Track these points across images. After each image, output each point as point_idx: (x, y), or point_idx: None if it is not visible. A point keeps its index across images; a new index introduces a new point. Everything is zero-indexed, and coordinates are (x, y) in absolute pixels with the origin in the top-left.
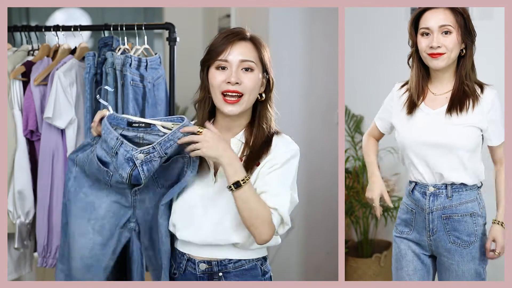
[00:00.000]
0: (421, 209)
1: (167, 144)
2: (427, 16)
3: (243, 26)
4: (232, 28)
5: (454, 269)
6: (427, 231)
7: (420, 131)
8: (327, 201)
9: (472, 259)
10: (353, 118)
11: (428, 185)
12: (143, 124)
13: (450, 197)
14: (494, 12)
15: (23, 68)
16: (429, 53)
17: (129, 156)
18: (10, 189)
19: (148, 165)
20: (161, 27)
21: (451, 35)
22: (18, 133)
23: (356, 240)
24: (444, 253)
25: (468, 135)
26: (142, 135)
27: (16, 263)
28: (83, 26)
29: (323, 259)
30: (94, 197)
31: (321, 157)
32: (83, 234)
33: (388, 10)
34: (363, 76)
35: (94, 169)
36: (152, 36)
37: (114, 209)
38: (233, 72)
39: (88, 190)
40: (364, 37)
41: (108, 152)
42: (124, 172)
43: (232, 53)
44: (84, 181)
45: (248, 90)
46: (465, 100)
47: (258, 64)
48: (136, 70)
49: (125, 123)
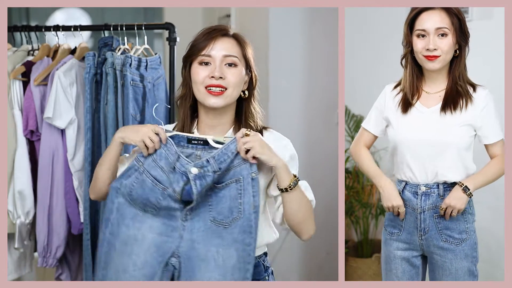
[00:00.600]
0: (412, 209)
1: (221, 158)
2: (423, 18)
3: (243, 26)
4: (215, 25)
5: (447, 267)
6: (418, 231)
7: (415, 129)
8: (327, 201)
9: (465, 256)
10: (353, 118)
11: (419, 185)
12: (202, 142)
13: (442, 196)
14: (494, 12)
15: (23, 68)
16: (425, 55)
17: (183, 170)
18: (10, 189)
19: (201, 180)
20: (161, 27)
21: (447, 38)
22: (18, 133)
23: (356, 240)
24: (437, 251)
25: (462, 134)
26: (199, 152)
27: (16, 263)
28: (83, 26)
29: (323, 259)
30: (136, 230)
31: (321, 157)
32: (125, 271)
33: (388, 10)
34: (363, 76)
35: (147, 191)
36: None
37: (158, 243)
38: (216, 67)
39: (130, 222)
40: (364, 37)
41: (165, 169)
42: (178, 186)
43: (215, 48)
44: (127, 212)
45: (232, 84)
46: (459, 99)
47: (241, 60)
48: (136, 70)
49: (185, 141)
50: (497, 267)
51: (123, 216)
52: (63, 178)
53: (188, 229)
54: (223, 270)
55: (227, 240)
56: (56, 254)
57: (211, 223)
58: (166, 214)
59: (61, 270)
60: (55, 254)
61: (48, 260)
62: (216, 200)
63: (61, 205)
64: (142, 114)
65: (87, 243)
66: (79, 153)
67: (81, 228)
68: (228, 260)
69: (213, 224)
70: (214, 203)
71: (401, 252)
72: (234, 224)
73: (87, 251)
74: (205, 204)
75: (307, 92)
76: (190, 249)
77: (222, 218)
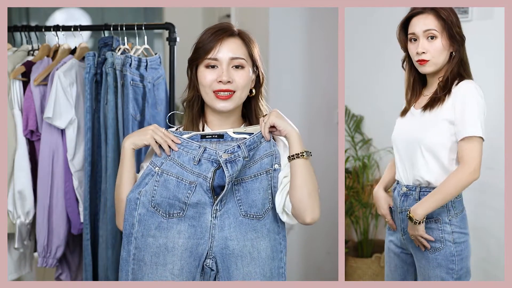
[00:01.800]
0: (396, 208)
1: (252, 145)
2: (413, 22)
3: (243, 26)
4: (219, 24)
5: (421, 272)
6: (400, 229)
7: (401, 130)
8: (327, 201)
9: (437, 265)
10: (353, 118)
11: (402, 185)
12: (216, 136)
13: (417, 200)
14: (494, 12)
15: (23, 68)
16: (417, 59)
17: (213, 158)
18: (10, 189)
19: (232, 164)
20: (161, 27)
21: (436, 40)
22: (18, 133)
23: (356, 240)
24: (414, 252)
25: (438, 131)
26: (215, 146)
27: (16, 263)
28: (83, 26)
29: (323, 259)
30: (165, 239)
31: (321, 157)
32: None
33: (388, 10)
34: (363, 76)
35: (172, 189)
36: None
37: (190, 247)
38: (224, 71)
39: (157, 232)
40: (364, 37)
41: (186, 167)
42: (209, 172)
43: (222, 50)
44: (150, 222)
45: (240, 87)
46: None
47: (248, 60)
48: (136, 70)
49: (198, 137)
50: (497, 267)
51: (147, 227)
52: (63, 178)
53: (219, 227)
54: (259, 262)
55: (262, 231)
56: (56, 254)
57: (243, 218)
58: (193, 214)
59: (61, 270)
60: (55, 254)
61: (48, 260)
62: (245, 194)
63: (61, 205)
64: (142, 114)
65: (87, 243)
66: (79, 153)
67: (81, 228)
68: (264, 251)
69: (246, 218)
70: (243, 197)
71: (393, 246)
72: (267, 215)
73: (87, 251)
74: (232, 199)
75: (307, 92)
76: (224, 247)
77: (256, 211)
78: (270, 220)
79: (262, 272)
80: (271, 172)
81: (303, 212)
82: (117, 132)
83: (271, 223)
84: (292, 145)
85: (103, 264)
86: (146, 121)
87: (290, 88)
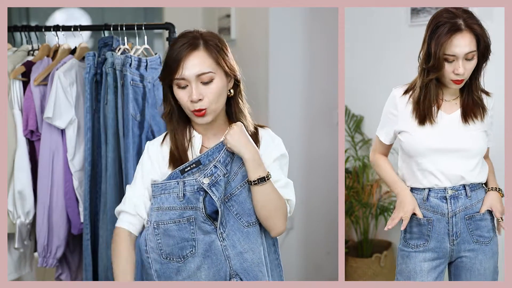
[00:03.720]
0: (442, 215)
1: (226, 160)
2: (453, 43)
3: (243, 26)
4: (183, 34)
5: (476, 268)
6: (450, 237)
7: (438, 138)
8: (327, 201)
9: (492, 255)
10: (353, 118)
11: (446, 188)
12: (194, 164)
13: (470, 197)
14: (494, 12)
15: (23, 68)
16: (454, 79)
17: (197, 187)
18: (10, 189)
19: (217, 186)
20: (161, 27)
21: (473, 60)
22: (18, 133)
23: (356, 240)
24: (467, 254)
25: (484, 139)
26: (197, 175)
27: (16, 263)
28: (83, 26)
29: (323, 259)
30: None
31: (321, 157)
32: None
33: (388, 10)
34: (363, 76)
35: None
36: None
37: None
38: (193, 89)
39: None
40: (364, 37)
41: (175, 206)
42: (199, 203)
43: (187, 68)
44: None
45: (213, 101)
46: (478, 109)
47: (217, 70)
48: (136, 70)
49: (178, 174)
50: None
51: (168, 276)
52: (63, 178)
53: (230, 246)
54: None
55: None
56: (56, 254)
57: (247, 228)
58: (204, 245)
59: (61, 270)
60: (55, 254)
61: (48, 260)
62: (240, 206)
63: (61, 205)
64: (142, 114)
65: (87, 243)
66: (79, 153)
67: (81, 228)
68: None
69: (250, 228)
70: (239, 210)
71: (428, 264)
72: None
73: (87, 251)
74: (231, 216)
75: (307, 92)
76: (242, 262)
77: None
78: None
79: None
80: None
81: (267, 229)
82: (117, 132)
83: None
84: (248, 170)
85: (103, 264)
86: (146, 121)
87: (290, 88)
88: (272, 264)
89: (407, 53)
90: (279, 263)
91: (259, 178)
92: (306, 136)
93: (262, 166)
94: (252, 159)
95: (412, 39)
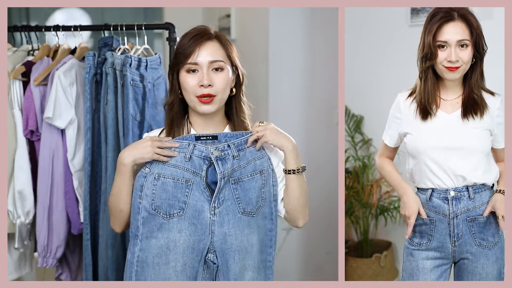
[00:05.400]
0: (443, 215)
1: (240, 146)
2: (445, 30)
3: (243, 26)
4: (196, 28)
5: (478, 272)
6: (451, 238)
7: (438, 136)
8: (327, 201)
9: (496, 260)
10: (353, 118)
11: (448, 190)
12: (210, 137)
13: (473, 199)
14: (494, 12)
15: (23, 68)
16: (447, 66)
17: (205, 155)
18: (10, 189)
19: (223, 162)
20: (161, 27)
21: (467, 49)
22: (18, 133)
23: (356, 240)
24: (469, 257)
25: (485, 137)
26: (209, 147)
27: (16, 263)
28: (83, 26)
29: (323, 259)
30: (166, 239)
31: (321, 157)
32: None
33: (388, 10)
34: (363, 76)
35: (171, 191)
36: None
37: (191, 244)
38: (204, 74)
39: (159, 233)
40: (364, 37)
41: (179, 164)
42: (202, 170)
43: (201, 54)
44: (152, 224)
45: (220, 90)
46: (477, 106)
47: (227, 61)
48: (136, 70)
49: (193, 138)
50: None
51: (150, 229)
52: (63, 178)
53: (218, 223)
54: (252, 255)
55: (254, 227)
56: (56, 254)
57: (241, 215)
58: (193, 212)
59: (61, 270)
60: (55, 254)
61: (48, 260)
62: (243, 192)
63: (61, 205)
64: (142, 114)
65: (87, 243)
66: (79, 153)
67: (81, 228)
68: (255, 245)
69: (243, 215)
70: (241, 196)
71: (431, 262)
72: (258, 212)
73: (87, 251)
74: (231, 197)
75: (307, 92)
76: (223, 242)
77: (251, 209)
78: (261, 217)
79: (253, 264)
80: (265, 172)
81: (297, 219)
82: (117, 132)
83: (262, 219)
84: (288, 160)
85: (103, 264)
86: (146, 121)
87: (290, 88)
88: (261, 264)
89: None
90: (271, 266)
91: (301, 166)
92: (306, 136)
93: (299, 157)
94: (293, 150)
95: (412, 39)
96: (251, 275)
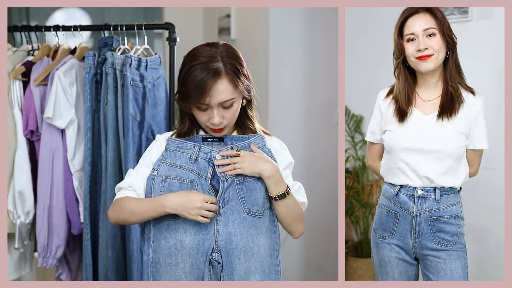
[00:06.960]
0: (407, 212)
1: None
2: (410, 23)
3: (243, 26)
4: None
5: (441, 268)
6: (412, 234)
7: (412, 136)
8: (327, 201)
9: (458, 257)
10: (353, 118)
11: (416, 188)
12: (217, 139)
13: (439, 200)
14: (494, 12)
15: (23, 68)
16: (417, 56)
17: (209, 157)
18: (10, 189)
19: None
20: (161, 27)
21: (435, 37)
22: (18, 133)
23: (356, 240)
24: (430, 253)
25: (459, 142)
26: (215, 149)
27: (16, 263)
28: (83, 26)
29: (323, 259)
30: (174, 239)
31: (321, 157)
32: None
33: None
34: (363, 76)
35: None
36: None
37: (196, 244)
38: (215, 116)
39: (167, 234)
40: (364, 37)
41: (184, 165)
42: (207, 172)
43: (212, 97)
44: (161, 225)
45: (230, 120)
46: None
47: (237, 96)
48: (136, 70)
49: (200, 139)
50: (497, 267)
51: (159, 230)
52: (63, 178)
53: (223, 222)
54: (259, 258)
55: (261, 229)
56: (56, 254)
57: (246, 215)
58: None
59: (61, 270)
60: (55, 254)
61: (48, 260)
62: (248, 192)
63: (61, 205)
64: (142, 114)
65: (87, 243)
66: (79, 153)
67: (81, 228)
68: (263, 247)
69: (248, 215)
70: (246, 195)
71: (395, 254)
72: (265, 213)
73: (87, 251)
74: (236, 197)
75: (307, 92)
76: (228, 242)
77: (257, 209)
78: (268, 219)
79: (261, 268)
80: None
81: (290, 233)
82: (117, 132)
83: (269, 222)
84: (269, 187)
85: (103, 264)
86: (146, 121)
87: (290, 88)
88: (272, 269)
89: None
90: (279, 271)
91: (280, 194)
92: (306, 136)
93: (282, 181)
94: (271, 176)
95: None
96: (258, 278)
